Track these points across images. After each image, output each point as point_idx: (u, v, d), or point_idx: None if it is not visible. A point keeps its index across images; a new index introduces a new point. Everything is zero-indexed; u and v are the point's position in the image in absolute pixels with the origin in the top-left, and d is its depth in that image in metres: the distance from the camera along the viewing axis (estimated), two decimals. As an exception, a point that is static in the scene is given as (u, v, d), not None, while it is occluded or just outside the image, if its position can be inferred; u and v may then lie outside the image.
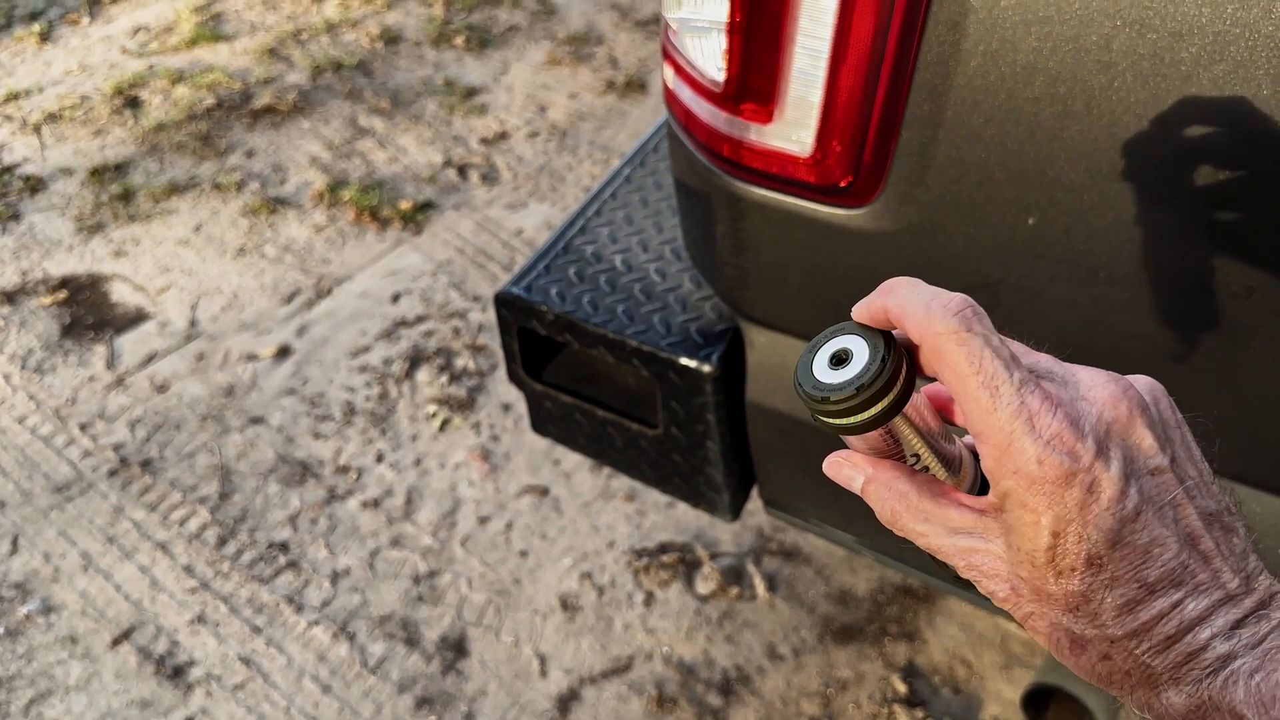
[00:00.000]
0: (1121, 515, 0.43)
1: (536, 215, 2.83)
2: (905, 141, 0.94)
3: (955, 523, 0.48)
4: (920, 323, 0.46)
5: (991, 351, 0.44)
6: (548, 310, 1.27)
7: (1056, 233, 0.90)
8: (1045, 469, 0.43)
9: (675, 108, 1.15)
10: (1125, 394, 0.46)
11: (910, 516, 0.49)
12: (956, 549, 0.48)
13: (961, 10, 0.84)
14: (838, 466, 0.53)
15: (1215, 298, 0.87)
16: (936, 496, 0.49)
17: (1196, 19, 0.75)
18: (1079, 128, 0.84)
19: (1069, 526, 0.43)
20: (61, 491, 2.12)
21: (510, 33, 3.64)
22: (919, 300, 0.46)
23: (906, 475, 0.50)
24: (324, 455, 2.19)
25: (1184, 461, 0.46)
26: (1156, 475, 0.45)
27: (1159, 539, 0.44)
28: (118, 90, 3.32)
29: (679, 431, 1.25)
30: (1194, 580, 0.44)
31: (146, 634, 1.87)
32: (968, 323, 0.45)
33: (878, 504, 0.51)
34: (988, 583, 0.47)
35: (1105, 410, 0.45)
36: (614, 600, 1.92)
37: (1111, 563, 0.44)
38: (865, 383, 0.47)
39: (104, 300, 2.59)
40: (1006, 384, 0.44)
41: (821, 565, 1.97)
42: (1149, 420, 0.46)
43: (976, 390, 0.44)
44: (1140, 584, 0.44)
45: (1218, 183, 0.82)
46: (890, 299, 0.48)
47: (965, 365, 0.44)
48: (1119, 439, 0.45)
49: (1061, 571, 0.44)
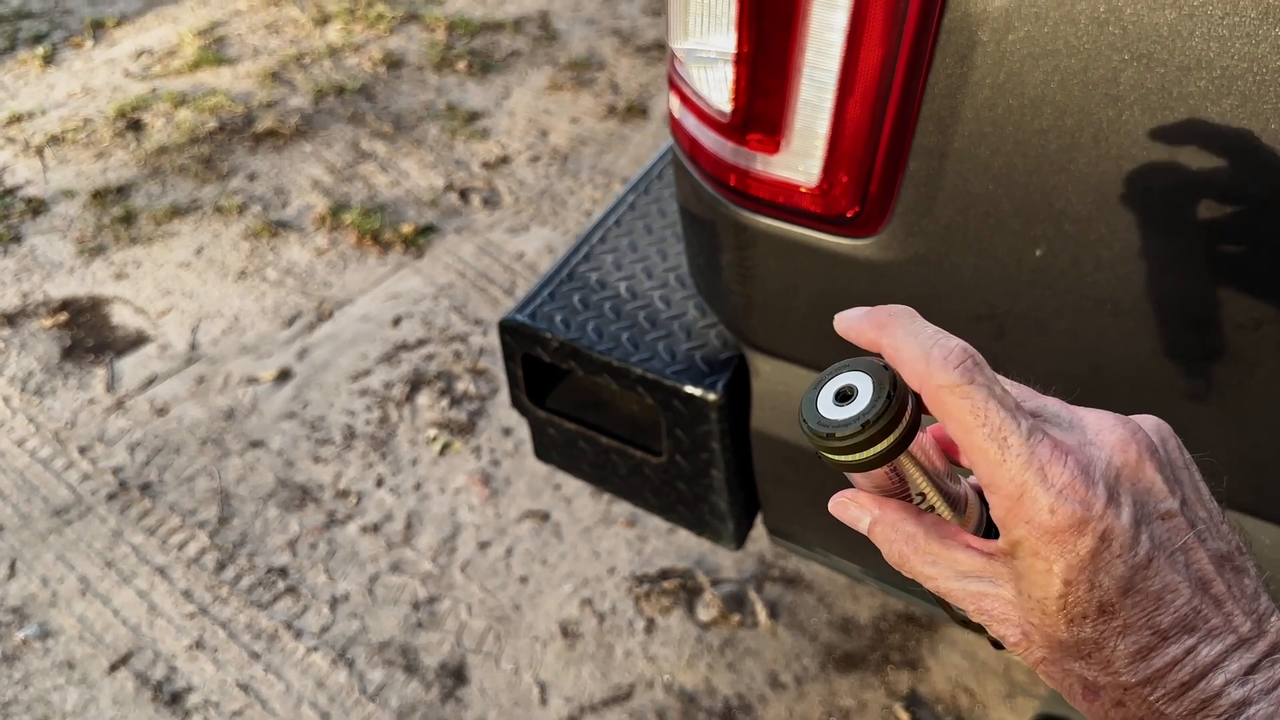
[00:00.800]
0: (1134, 563, 0.43)
1: (538, 239, 2.83)
2: (912, 172, 0.94)
3: (964, 566, 0.48)
4: (921, 374, 0.45)
5: (996, 403, 0.44)
6: (552, 337, 1.27)
7: (1063, 264, 0.90)
8: (1058, 518, 0.43)
9: (681, 136, 1.15)
10: (1134, 437, 0.45)
11: (918, 559, 0.49)
12: (966, 593, 0.47)
13: (969, 43, 0.84)
14: (844, 506, 0.52)
15: (1222, 330, 0.87)
16: (944, 538, 0.49)
17: (1204, 53, 0.75)
18: (1087, 160, 0.84)
19: (1081, 575, 0.43)
20: (60, 515, 2.11)
21: (512, 58, 3.66)
22: (918, 349, 0.45)
23: (913, 516, 0.50)
24: (324, 479, 2.18)
25: (1194, 503, 0.46)
26: (1167, 519, 0.45)
27: (1171, 585, 0.43)
28: (120, 113, 3.33)
29: (683, 459, 1.25)
30: (1207, 625, 0.44)
31: (144, 659, 1.86)
32: (969, 375, 0.44)
33: (885, 545, 0.50)
34: (999, 627, 0.47)
35: (1115, 455, 0.45)
36: (615, 627, 1.91)
37: (1124, 610, 0.43)
38: (870, 419, 0.46)
39: (104, 323, 2.59)
40: (1014, 435, 0.44)
41: (824, 593, 1.96)
42: (1158, 463, 0.45)
43: (984, 443, 0.44)
44: (1153, 630, 0.43)
45: (1225, 216, 0.82)
46: (885, 338, 0.47)
47: (970, 418, 0.44)
48: (1129, 484, 0.44)
49: (1073, 619, 0.44)
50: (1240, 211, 0.81)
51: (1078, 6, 0.78)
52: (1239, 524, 0.48)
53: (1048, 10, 0.80)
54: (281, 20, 3.90)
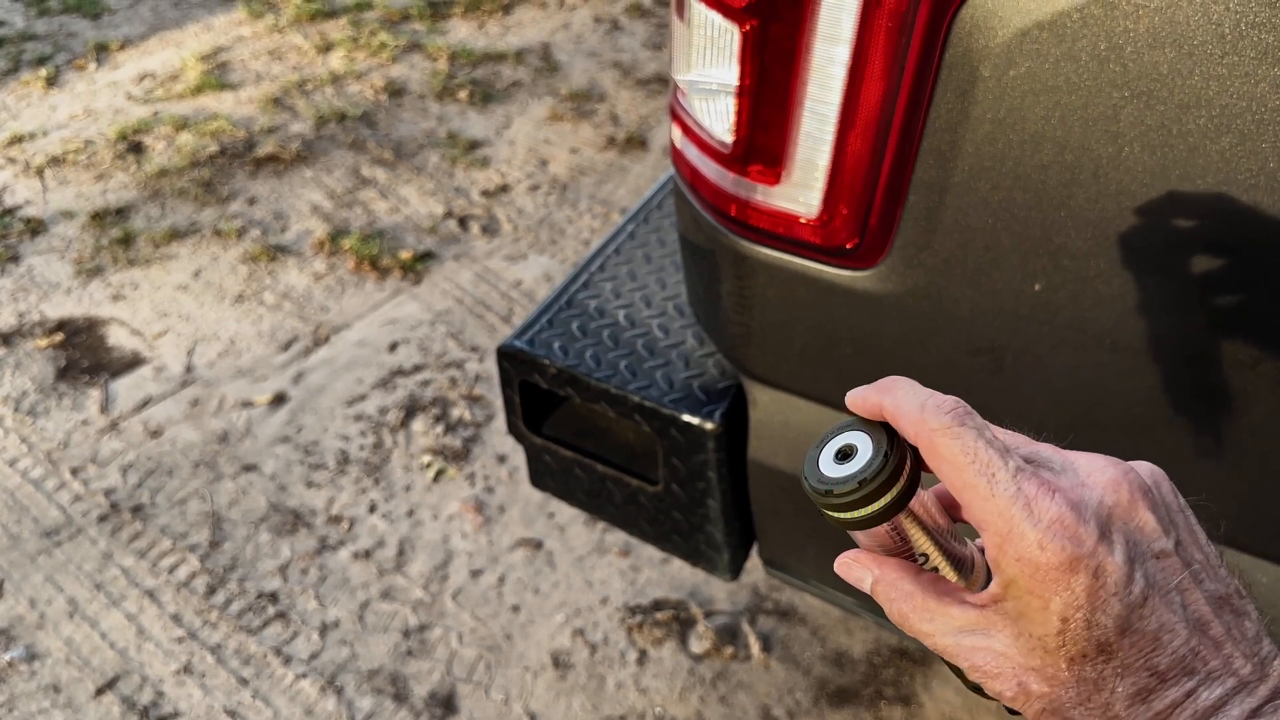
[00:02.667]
0: (1129, 601, 0.43)
1: (536, 267, 2.84)
2: (912, 205, 0.95)
3: (958, 621, 0.48)
4: (915, 421, 0.47)
5: (985, 442, 0.46)
6: (550, 364, 1.27)
7: (1062, 299, 0.91)
8: (1048, 554, 0.43)
9: (682, 166, 1.16)
10: (1125, 477, 0.46)
11: (916, 616, 0.49)
12: (960, 648, 0.48)
13: (970, 78, 0.85)
14: (848, 567, 0.53)
15: (1220, 368, 0.87)
16: (941, 595, 0.49)
17: (1204, 92, 0.76)
18: (1086, 196, 0.85)
19: (1078, 613, 0.43)
20: (50, 536, 2.10)
21: (513, 88, 3.69)
22: (915, 401, 0.48)
23: (912, 574, 0.50)
24: (316, 504, 2.17)
25: (1189, 545, 0.46)
26: (1161, 559, 0.45)
27: (1167, 625, 0.44)
28: (122, 135, 3.34)
29: (680, 488, 1.24)
30: (1206, 668, 0.43)
31: (131, 683, 1.84)
32: (960, 418, 0.46)
33: (886, 604, 0.51)
34: (993, 683, 0.47)
35: (1106, 495, 0.45)
36: (606, 658, 1.89)
37: (1121, 650, 0.43)
38: (868, 477, 0.48)
39: (100, 344, 2.59)
40: (1002, 470, 0.45)
41: (817, 626, 1.95)
42: (1151, 503, 0.46)
43: (973, 478, 0.45)
44: (1151, 672, 0.43)
45: (1223, 254, 0.83)
46: (886, 398, 0.49)
47: (960, 456, 0.45)
48: (1121, 523, 0.45)
49: (1073, 658, 0.44)
50: (1239, 250, 0.82)
51: (1078, 44, 0.79)
52: (1239, 568, 0.48)
53: (1049, 47, 0.81)
54: (285, 47, 3.93)
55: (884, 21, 0.86)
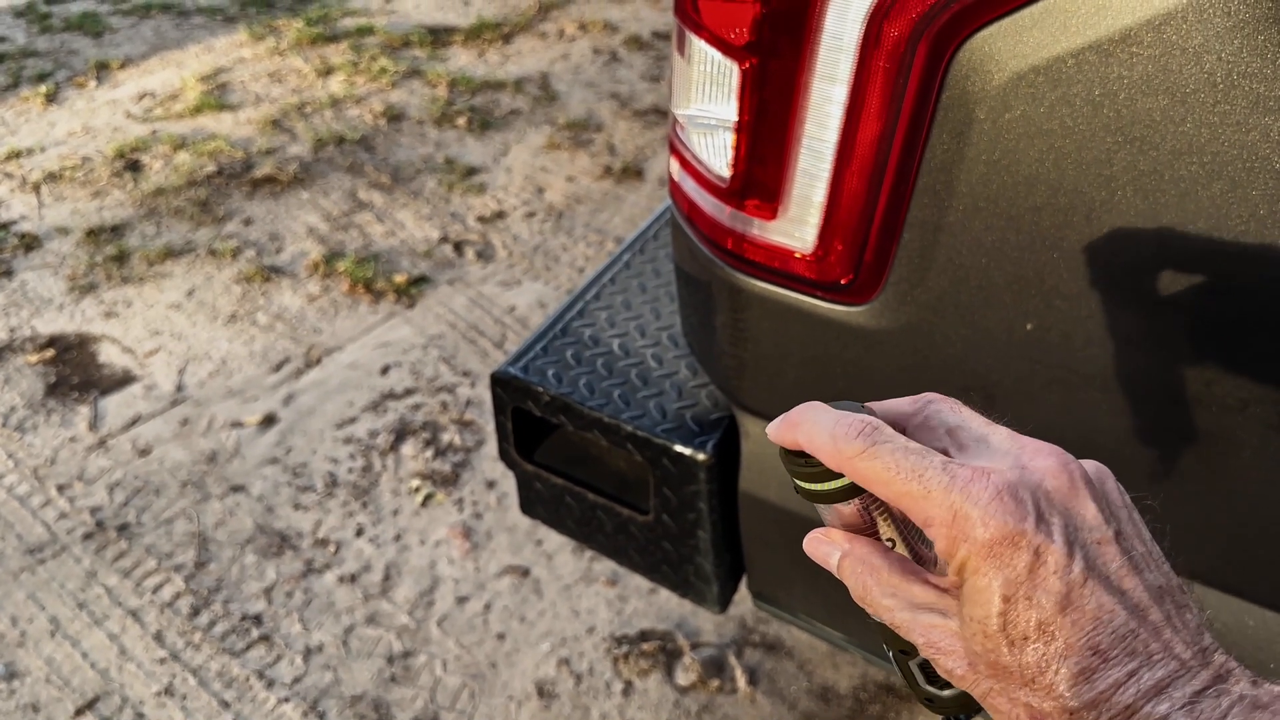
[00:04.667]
0: (1069, 579, 0.44)
1: (530, 294, 2.85)
2: (906, 243, 0.96)
3: (919, 598, 0.49)
4: (831, 455, 0.49)
5: (902, 451, 0.47)
6: (544, 391, 1.27)
7: (1054, 339, 0.92)
8: (990, 530, 0.45)
9: (679, 199, 1.17)
10: (1067, 466, 0.47)
11: (879, 589, 0.51)
12: (917, 624, 0.49)
13: (966, 120, 0.86)
14: (817, 543, 0.54)
15: (1210, 410, 0.88)
16: (905, 573, 0.51)
17: (1196, 139, 0.78)
18: (1078, 238, 0.86)
19: (1018, 590, 0.45)
20: (34, 554, 2.08)
21: (511, 116, 3.71)
22: (823, 431, 0.49)
23: (881, 551, 0.52)
24: (303, 527, 2.16)
25: (1130, 537, 0.47)
26: (1101, 545, 0.46)
27: (1106, 605, 0.45)
28: (119, 153, 3.35)
29: (670, 519, 1.24)
30: (1146, 649, 0.44)
31: (111, 704, 1.82)
32: (870, 439, 0.48)
33: (851, 578, 0.52)
34: (945, 660, 0.48)
35: (1046, 479, 0.47)
36: (592, 689, 1.88)
37: (1062, 631, 0.44)
38: None
39: (91, 361, 2.58)
40: (930, 469, 0.46)
41: (804, 660, 1.94)
42: (1093, 493, 0.47)
43: (904, 486, 0.47)
44: (1093, 651, 0.44)
45: (1215, 298, 0.84)
46: (800, 435, 0.50)
47: (883, 473, 0.47)
48: (1060, 507, 0.46)
49: (1014, 640, 0.45)
50: (1229, 294, 0.83)
51: (1073, 89, 0.81)
52: (1202, 595, 0.49)
53: (1044, 91, 0.82)
54: (285, 70, 3.95)
55: (882, 62, 0.87)
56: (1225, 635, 0.97)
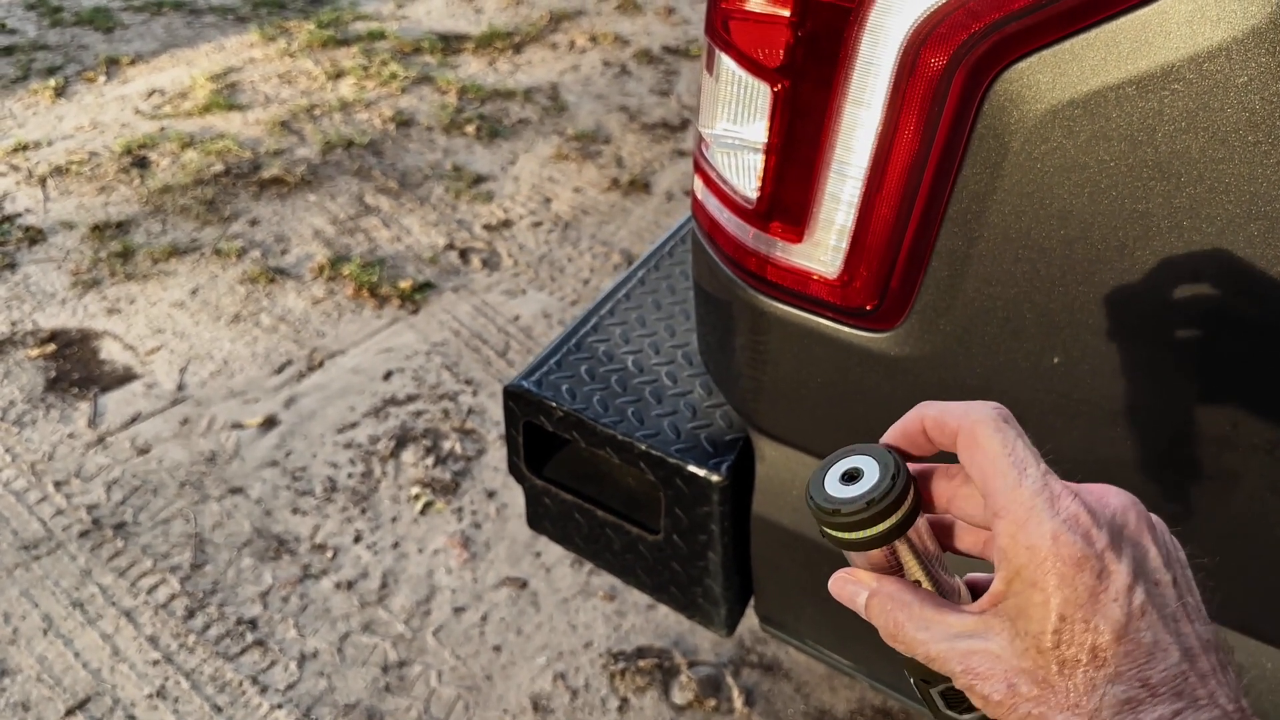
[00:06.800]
0: (1130, 609, 0.45)
1: (534, 303, 2.84)
2: (933, 271, 0.95)
3: (955, 627, 0.49)
4: (960, 415, 0.50)
5: (1023, 442, 0.49)
6: (557, 407, 1.26)
7: (1081, 374, 0.91)
8: (1060, 546, 0.45)
9: (702, 217, 1.16)
10: (1136, 506, 0.48)
11: (912, 625, 0.51)
12: (955, 652, 0.49)
13: (1001, 151, 0.86)
14: (843, 583, 0.54)
15: (1239, 452, 0.87)
16: (938, 605, 0.51)
17: (1235, 178, 0.77)
18: (1111, 274, 0.85)
19: (1077, 612, 0.45)
20: (29, 550, 2.06)
21: (520, 125, 3.71)
22: (958, 404, 0.51)
23: (910, 587, 0.52)
24: (301, 531, 2.15)
25: (1183, 587, 0.48)
26: (1161, 586, 0.46)
27: (1162, 643, 0.45)
28: (127, 149, 3.34)
29: (680, 539, 1.23)
30: (1193, 694, 0.44)
31: (102, 706, 1.80)
32: (1005, 415, 0.50)
33: (880, 616, 0.52)
34: (982, 685, 0.48)
35: (1119, 514, 0.47)
36: (587, 704, 1.87)
37: (1115, 658, 0.44)
38: (875, 498, 0.49)
39: (93, 357, 2.56)
40: (1033, 466, 0.47)
41: (801, 682, 1.93)
42: (1156, 537, 0.48)
43: (1006, 467, 0.47)
44: (1143, 684, 0.44)
45: (1248, 339, 0.83)
46: (928, 409, 0.52)
47: (999, 446, 0.48)
48: (1130, 541, 0.47)
49: (1065, 661, 0.45)
50: (1263, 335, 0.82)
51: (1111, 123, 0.80)
52: (1230, 642, 0.49)
53: (1081, 125, 0.81)
54: (295, 72, 3.94)
55: (918, 89, 0.87)
56: (1245, 681, 0.97)
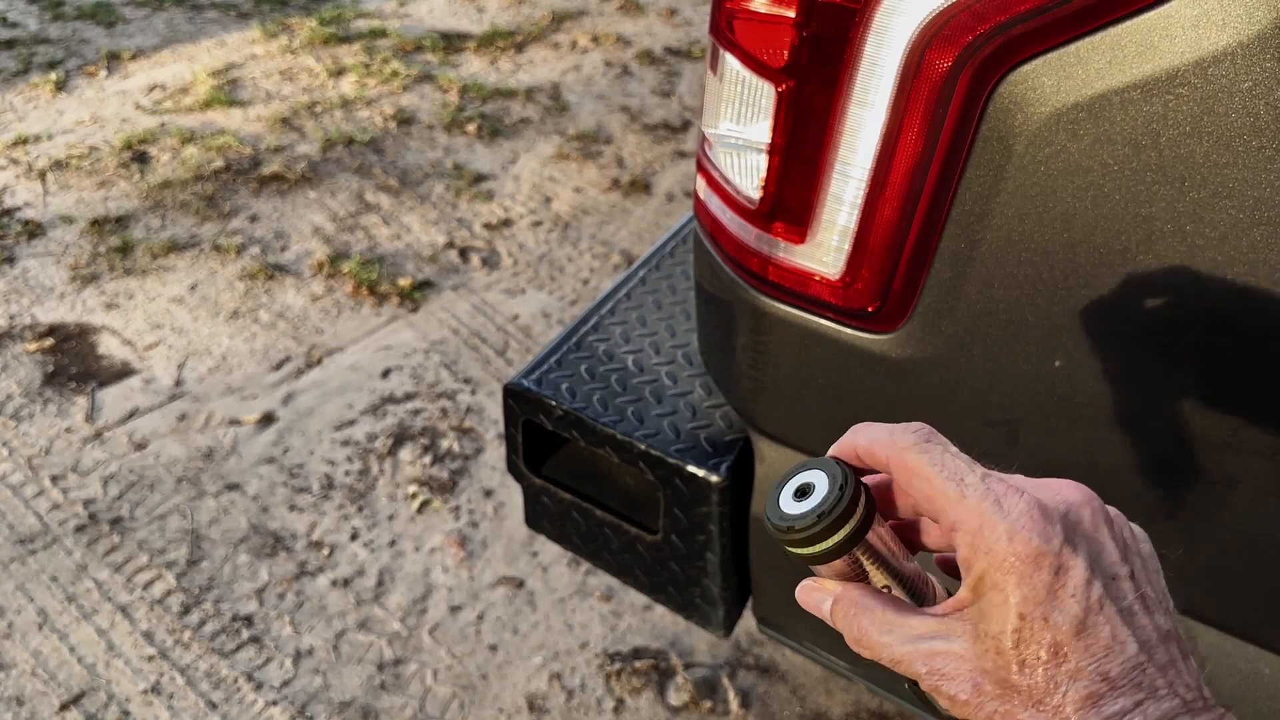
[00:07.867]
0: (1087, 604, 0.45)
1: (534, 303, 2.84)
2: (936, 273, 0.95)
3: (918, 630, 0.50)
4: (886, 445, 0.51)
5: (952, 455, 0.49)
6: (556, 405, 1.26)
7: (1082, 377, 0.91)
8: (1015, 545, 0.45)
9: (704, 217, 1.16)
10: (1091, 502, 0.49)
11: (875, 629, 0.51)
12: (919, 653, 0.49)
13: (1005, 154, 0.86)
14: (808, 591, 0.55)
15: (1239, 455, 0.87)
16: (900, 609, 0.51)
17: (1239, 182, 0.77)
18: (1113, 277, 0.85)
19: (1036, 609, 0.45)
20: (25, 544, 2.06)
21: (521, 125, 3.71)
22: (883, 430, 0.52)
23: (873, 593, 0.53)
24: (298, 528, 2.14)
25: (1142, 580, 0.48)
26: (1118, 580, 0.47)
27: (1120, 636, 0.45)
28: (127, 144, 3.34)
29: (679, 540, 1.23)
30: (1152, 685, 0.45)
31: (97, 701, 1.80)
32: (927, 435, 0.50)
33: (844, 622, 0.52)
34: (948, 686, 0.48)
35: (1072, 509, 0.47)
36: (583, 704, 1.86)
37: (1075, 653, 0.45)
38: (825, 510, 0.50)
39: (90, 351, 2.56)
40: (970, 475, 0.48)
41: (797, 684, 1.93)
42: (1112, 531, 0.48)
43: (943, 485, 0.48)
44: (1103, 678, 0.45)
45: (1250, 344, 0.83)
46: (859, 438, 0.53)
47: (929, 467, 0.49)
48: (1085, 537, 0.47)
49: (1025, 660, 0.45)
50: (1265, 341, 0.82)
51: (1115, 127, 0.80)
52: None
53: (1085, 128, 0.81)
54: (297, 68, 3.94)
55: (923, 91, 0.87)
56: (1242, 685, 0.96)
